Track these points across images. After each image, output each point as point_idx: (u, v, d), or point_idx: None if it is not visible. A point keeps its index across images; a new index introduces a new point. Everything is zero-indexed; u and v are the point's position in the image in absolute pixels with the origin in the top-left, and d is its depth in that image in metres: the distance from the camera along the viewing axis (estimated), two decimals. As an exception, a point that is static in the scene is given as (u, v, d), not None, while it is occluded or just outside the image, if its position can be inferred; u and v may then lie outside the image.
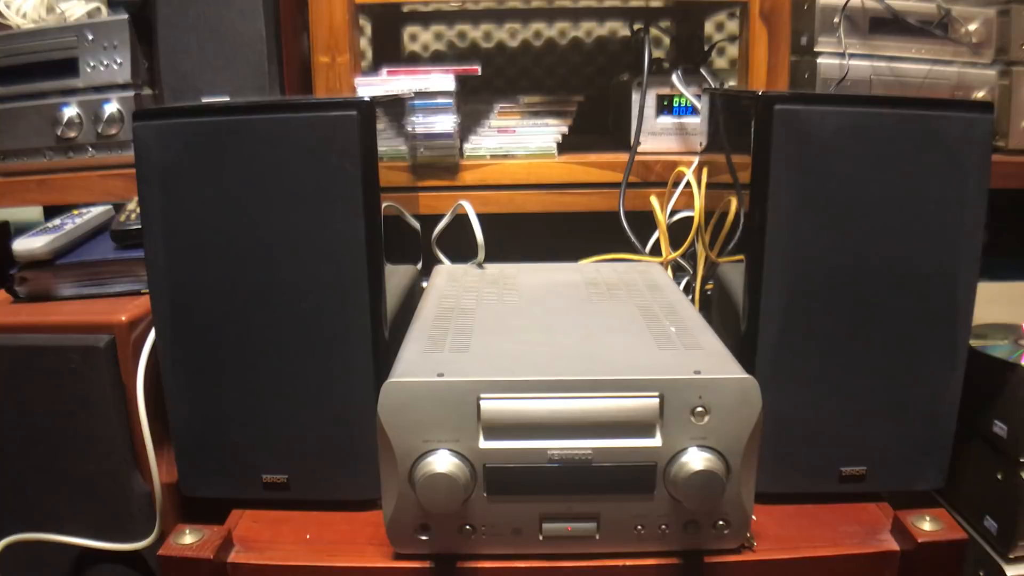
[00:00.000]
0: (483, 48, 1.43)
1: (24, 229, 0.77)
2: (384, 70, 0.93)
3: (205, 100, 0.90)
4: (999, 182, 0.62)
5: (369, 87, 0.93)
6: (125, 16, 0.93)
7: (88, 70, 0.94)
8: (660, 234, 0.88)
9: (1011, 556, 0.66)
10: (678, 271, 0.88)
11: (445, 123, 0.92)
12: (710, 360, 0.54)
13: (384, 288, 0.59)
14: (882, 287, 0.59)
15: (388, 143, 0.69)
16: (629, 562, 0.54)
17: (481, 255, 0.81)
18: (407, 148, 0.88)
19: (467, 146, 0.97)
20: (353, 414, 0.59)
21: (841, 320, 0.59)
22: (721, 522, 0.53)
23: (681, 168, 0.86)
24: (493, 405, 0.51)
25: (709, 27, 1.39)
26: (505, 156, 0.97)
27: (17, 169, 0.97)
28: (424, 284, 0.79)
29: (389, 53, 1.34)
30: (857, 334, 0.59)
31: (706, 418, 0.51)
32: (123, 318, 0.64)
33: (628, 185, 0.94)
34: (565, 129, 0.98)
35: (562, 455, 0.51)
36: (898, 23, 0.92)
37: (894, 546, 0.56)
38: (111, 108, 0.93)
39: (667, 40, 1.38)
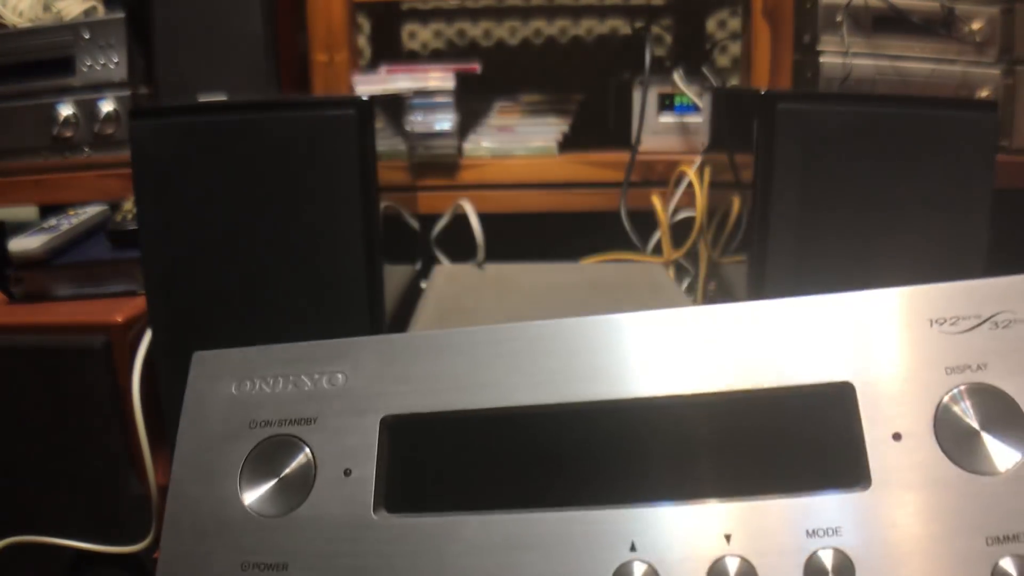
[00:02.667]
0: (483, 46, 1.43)
1: (19, 229, 0.76)
2: (383, 68, 0.93)
3: (202, 99, 0.90)
4: (1003, 182, 0.62)
5: (368, 85, 0.92)
6: (121, 15, 0.93)
7: (84, 69, 0.93)
8: (662, 234, 0.87)
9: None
10: (680, 271, 0.88)
11: (444, 122, 0.92)
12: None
13: (383, 288, 0.59)
14: (885, 287, 0.58)
15: (387, 142, 0.69)
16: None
17: (481, 255, 0.80)
18: (406, 147, 0.87)
19: (467, 145, 0.96)
20: (351, 416, 0.59)
21: (845, 321, 0.59)
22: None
23: (683, 167, 0.85)
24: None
25: (711, 25, 1.39)
26: (505, 155, 0.96)
27: (12, 168, 0.96)
28: (424, 284, 0.78)
29: (388, 51, 1.33)
30: (861, 335, 0.59)
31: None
32: (119, 319, 0.64)
33: (629, 184, 0.93)
34: (566, 128, 0.98)
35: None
36: (901, 22, 0.91)
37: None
38: (107, 107, 0.93)
39: (668, 38, 1.38)
